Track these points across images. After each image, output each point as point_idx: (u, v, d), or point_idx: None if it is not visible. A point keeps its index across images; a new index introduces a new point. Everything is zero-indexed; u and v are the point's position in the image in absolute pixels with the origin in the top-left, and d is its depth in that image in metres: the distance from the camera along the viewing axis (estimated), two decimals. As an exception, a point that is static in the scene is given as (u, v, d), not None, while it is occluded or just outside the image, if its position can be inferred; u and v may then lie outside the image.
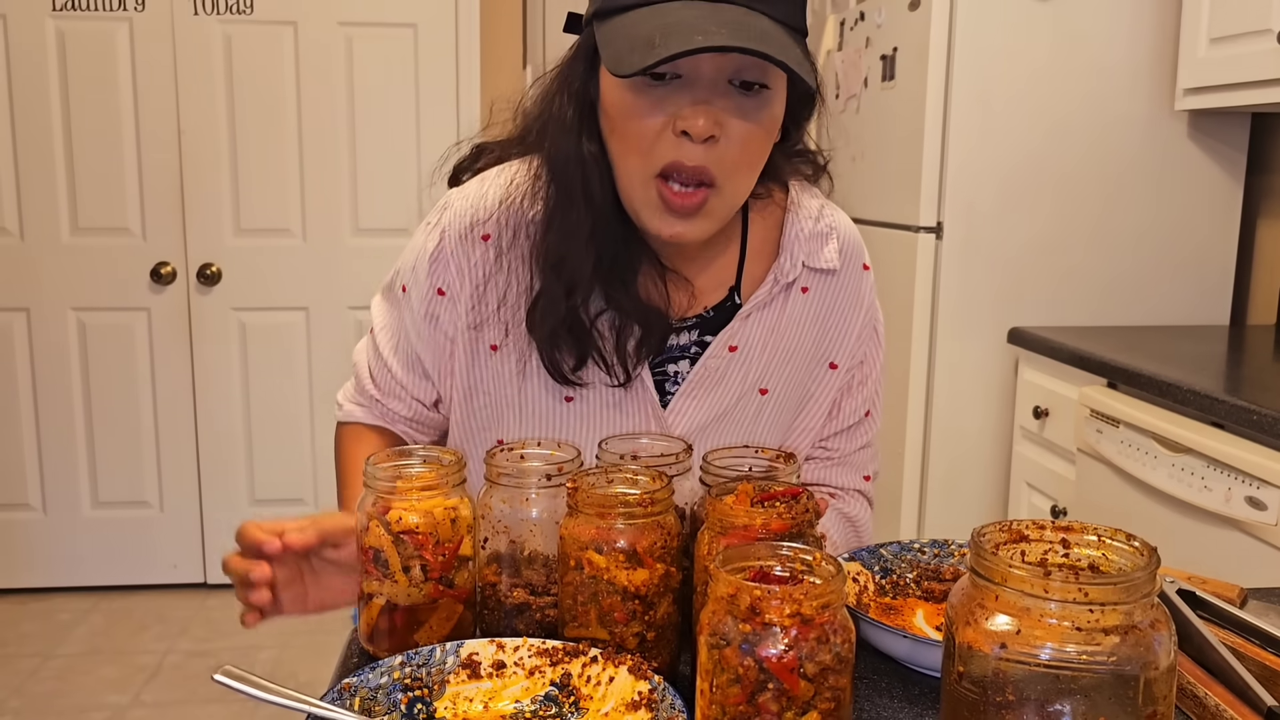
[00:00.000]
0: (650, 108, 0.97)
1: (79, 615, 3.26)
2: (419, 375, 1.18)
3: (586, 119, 1.05)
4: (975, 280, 2.50)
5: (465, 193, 1.14)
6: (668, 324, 1.11)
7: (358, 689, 0.80)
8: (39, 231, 3.25)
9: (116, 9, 3.16)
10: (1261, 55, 2.08)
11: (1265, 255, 2.58)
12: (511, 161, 1.15)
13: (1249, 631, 0.91)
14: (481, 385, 1.14)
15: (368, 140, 3.32)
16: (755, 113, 0.99)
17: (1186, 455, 1.80)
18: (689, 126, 0.96)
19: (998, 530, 0.70)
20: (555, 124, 1.06)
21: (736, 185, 1.03)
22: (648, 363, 1.12)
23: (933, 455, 2.58)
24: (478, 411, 1.16)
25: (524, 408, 1.13)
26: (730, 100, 0.97)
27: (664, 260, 1.11)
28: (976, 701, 0.65)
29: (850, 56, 2.92)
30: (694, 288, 1.13)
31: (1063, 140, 2.47)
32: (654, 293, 1.11)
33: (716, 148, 0.98)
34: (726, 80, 0.97)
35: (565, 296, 1.06)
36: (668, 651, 0.88)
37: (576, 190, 1.04)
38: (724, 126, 0.97)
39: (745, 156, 1.01)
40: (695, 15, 0.92)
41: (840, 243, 1.18)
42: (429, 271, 1.13)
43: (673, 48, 0.90)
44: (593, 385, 1.11)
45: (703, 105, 0.96)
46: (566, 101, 1.05)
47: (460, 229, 1.12)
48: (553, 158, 1.06)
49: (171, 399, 3.38)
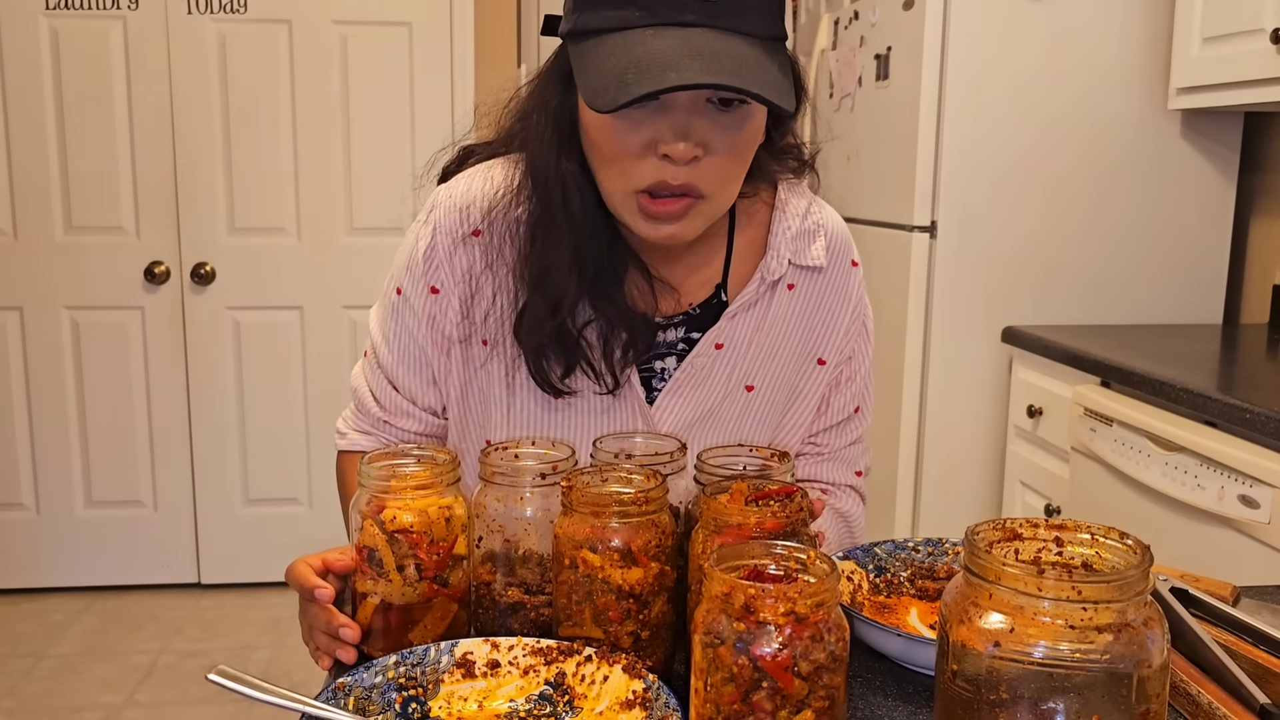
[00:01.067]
0: (630, 131, 0.97)
1: (72, 615, 3.25)
2: (426, 381, 1.16)
3: (565, 137, 1.04)
4: (969, 279, 2.51)
5: (453, 190, 1.14)
6: (654, 328, 1.11)
7: (352, 688, 0.80)
8: (32, 230, 3.24)
9: (110, 8, 3.15)
10: (1254, 55, 2.08)
11: (1258, 254, 2.59)
12: (497, 160, 1.15)
13: (1242, 629, 0.91)
14: (476, 381, 1.14)
15: (362, 139, 3.31)
16: (736, 128, 0.99)
17: (1180, 454, 1.80)
18: (671, 151, 0.96)
19: (992, 529, 0.71)
20: (534, 141, 1.06)
21: (723, 193, 1.03)
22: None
23: (927, 454, 2.58)
24: (472, 408, 1.16)
25: (512, 404, 1.13)
26: (710, 119, 0.97)
27: (649, 265, 1.11)
28: (970, 700, 0.65)
29: (844, 55, 2.92)
30: (678, 284, 1.14)
31: (1056, 139, 2.47)
32: (640, 297, 1.11)
33: (700, 165, 0.98)
34: (705, 100, 0.96)
35: (551, 313, 1.06)
36: (662, 650, 0.88)
37: (558, 206, 1.05)
38: (706, 146, 0.97)
39: (730, 169, 1.01)
40: (667, 46, 0.91)
41: (828, 240, 1.19)
42: (423, 270, 1.13)
43: (644, 87, 0.89)
44: (582, 394, 1.11)
45: (683, 132, 0.95)
46: (544, 120, 1.05)
47: (450, 225, 1.12)
48: (533, 171, 1.07)
49: (165, 398, 3.37)
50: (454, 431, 1.19)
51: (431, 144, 1.26)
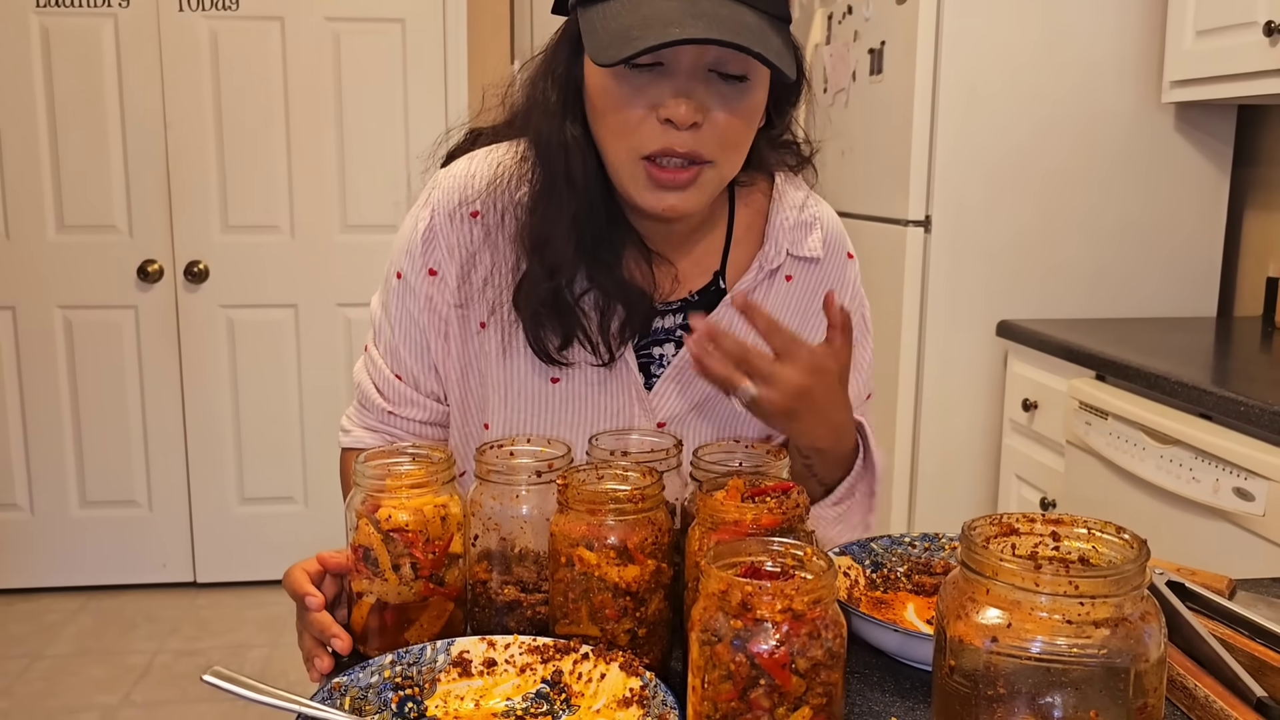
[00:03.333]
0: (632, 95, 0.99)
1: (68, 615, 3.25)
2: (429, 365, 1.16)
3: (571, 103, 1.06)
4: (964, 273, 2.51)
5: (453, 172, 1.15)
6: (651, 305, 1.12)
7: (348, 688, 0.80)
8: (24, 229, 3.23)
9: (101, 5, 3.14)
10: (1247, 47, 2.08)
11: (1252, 247, 2.59)
12: (500, 144, 1.15)
13: (1238, 622, 0.91)
14: (475, 364, 1.15)
15: (356, 136, 3.31)
16: (736, 100, 1.00)
17: (1175, 447, 1.81)
18: (672, 115, 0.97)
19: (988, 524, 0.71)
20: (540, 108, 1.07)
21: (727, 160, 1.04)
22: (633, 345, 1.13)
23: (922, 448, 2.59)
24: (472, 391, 1.16)
25: (510, 388, 1.13)
26: (711, 88, 0.99)
27: (648, 243, 1.12)
28: (968, 695, 0.65)
29: (838, 50, 2.92)
30: (678, 270, 1.14)
31: (1050, 133, 2.47)
32: (638, 274, 1.12)
33: (701, 132, 0.99)
34: (707, 70, 0.98)
35: (549, 276, 1.07)
36: (659, 648, 0.88)
37: (560, 172, 1.06)
38: (706, 113, 0.99)
39: (730, 139, 1.02)
40: (673, 7, 0.94)
41: (824, 233, 1.20)
42: (421, 251, 1.13)
43: (649, 40, 0.92)
44: (578, 365, 1.12)
45: (684, 94, 0.97)
46: (551, 86, 1.07)
47: (449, 207, 1.13)
48: (537, 140, 1.08)
49: (160, 397, 3.36)
50: (456, 418, 1.19)
51: (425, 142, 1.26)
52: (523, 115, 1.11)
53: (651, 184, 1.01)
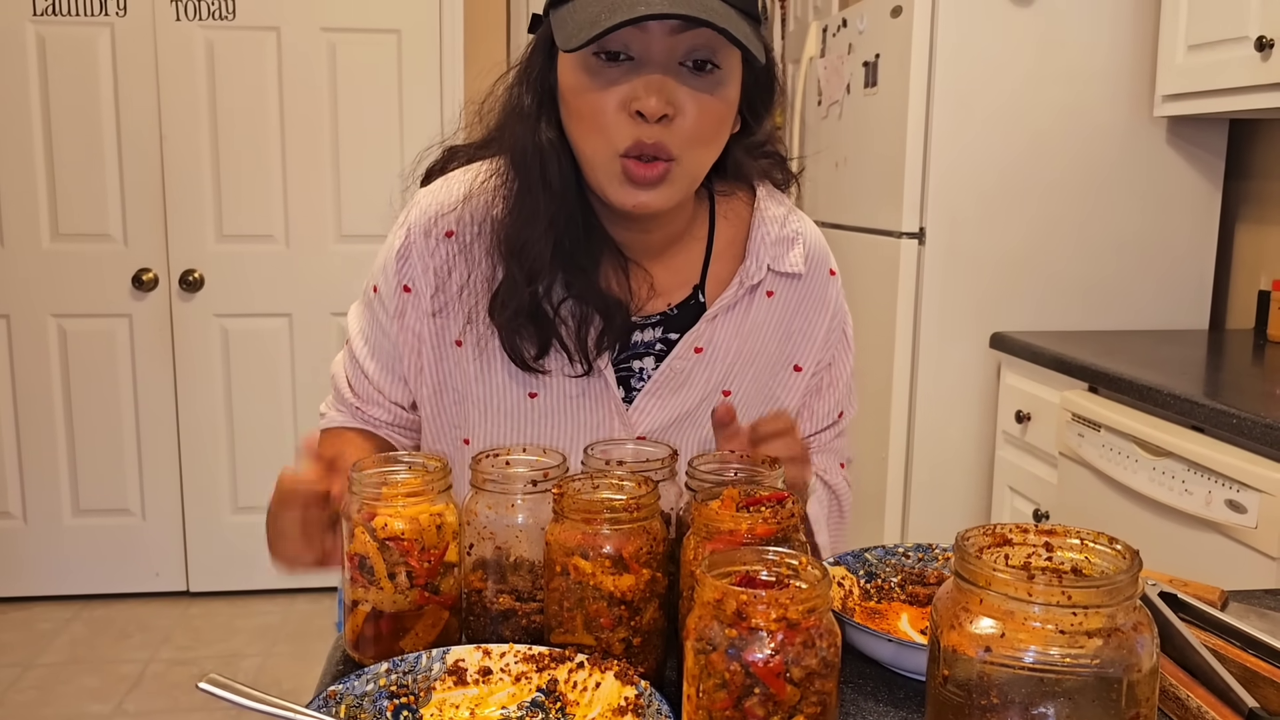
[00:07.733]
0: (604, 87, 1.00)
1: (60, 624, 3.24)
2: (396, 378, 1.19)
3: (546, 106, 1.07)
4: (957, 286, 2.52)
5: (431, 191, 1.17)
6: (629, 316, 1.12)
7: (343, 696, 0.80)
8: (19, 237, 3.22)
9: (98, 14, 3.14)
10: (1239, 62, 2.10)
11: (1244, 260, 2.61)
12: (478, 163, 1.16)
13: (1230, 633, 0.91)
14: (450, 381, 1.15)
15: (351, 146, 3.31)
16: (708, 91, 1.01)
17: (1167, 459, 1.81)
18: (642, 106, 0.98)
19: (981, 534, 0.71)
20: (515, 113, 1.09)
21: (695, 158, 1.05)
22: (611, 359, 1.13)
23: (916, 459, 2.59)
24: (446, 408, 1.17)
25: (489, 403, 1.14)
26: (682, 80, 1.00)
27: (625, 252, 1.13)
28: (961, 705, 0.65)
29: (833, 63, 2.94)
30: (655, 281, 1.15)
31: (1043, 146, 2.49)
32: (615, 284, 1.12)
33: (672, 125, 1.00)
34: (678, 62, 0.99)
35: (526, 283, 1.08)
36: (654, 657, 0.88)
37: (535, 177, 1.07)
38: (677, 105, 1.00)
39: (701, 132, 1.03)
40: None
41: (806, 248, 1.20)
42: (396, 270, 1.15)
43: (617, 18, 0.93)
44: (555, 375, 1.12)
45: (655, 86, 0.98)
46: (526, 91, 1.08)
47: (424, 225, 1.14)
48: (514, 146, 1.09)
49: (153, 406, 3.36)
50: (428, 431, 1.21)
51: (421, 152, 1.27)
52: (498, 125, 1.12)
53: (626, 180, 1.02)
